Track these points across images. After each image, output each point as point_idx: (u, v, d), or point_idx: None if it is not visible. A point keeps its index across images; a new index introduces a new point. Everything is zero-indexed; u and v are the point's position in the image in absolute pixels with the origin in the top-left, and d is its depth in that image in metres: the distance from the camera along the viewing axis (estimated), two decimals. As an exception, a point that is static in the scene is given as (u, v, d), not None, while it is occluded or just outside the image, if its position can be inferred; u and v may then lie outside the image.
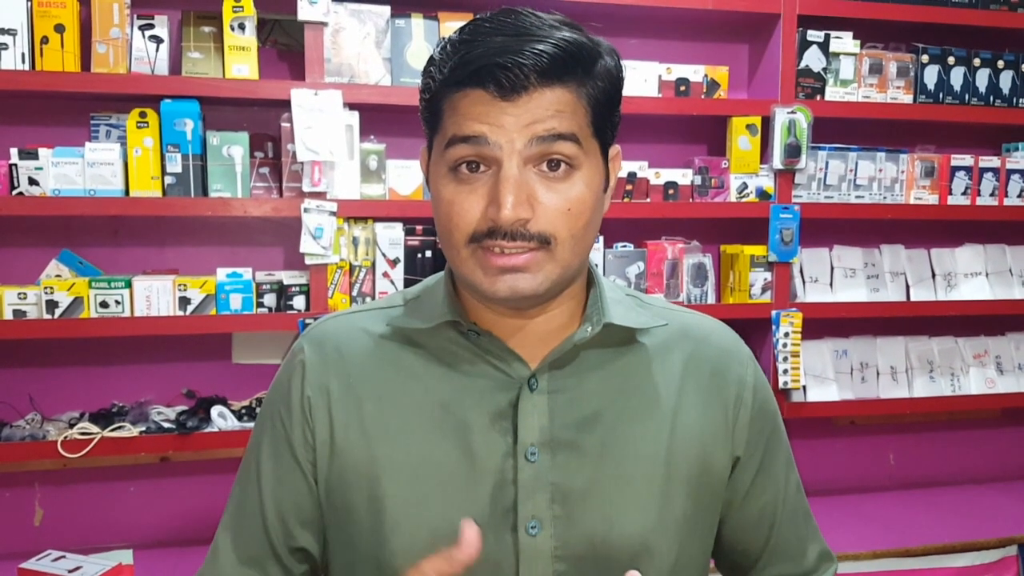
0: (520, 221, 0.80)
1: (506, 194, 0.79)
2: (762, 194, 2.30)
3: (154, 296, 1.97)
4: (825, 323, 2.43)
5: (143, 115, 1.94)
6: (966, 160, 2.45)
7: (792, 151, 2.26)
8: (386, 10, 2.08)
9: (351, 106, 2.05)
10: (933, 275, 2.53)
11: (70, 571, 1.82)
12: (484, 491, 0.88)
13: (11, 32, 1.88)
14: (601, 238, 2.24)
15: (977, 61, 2.43)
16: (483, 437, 0.89)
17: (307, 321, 1.98)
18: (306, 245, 2.00)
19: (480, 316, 0.91)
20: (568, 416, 0.90)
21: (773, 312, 2.29)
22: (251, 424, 2.02)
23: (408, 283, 2.07)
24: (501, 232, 0.80)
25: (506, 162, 0.80)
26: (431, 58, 0.85)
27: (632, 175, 2.23)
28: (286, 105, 1.98)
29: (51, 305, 1.91)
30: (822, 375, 2.41)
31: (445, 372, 0.91)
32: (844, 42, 2.33)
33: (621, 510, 0.89)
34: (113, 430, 1.98)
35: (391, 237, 2.09)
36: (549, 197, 0.81)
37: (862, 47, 2.35)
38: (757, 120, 2.28)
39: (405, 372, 0.92)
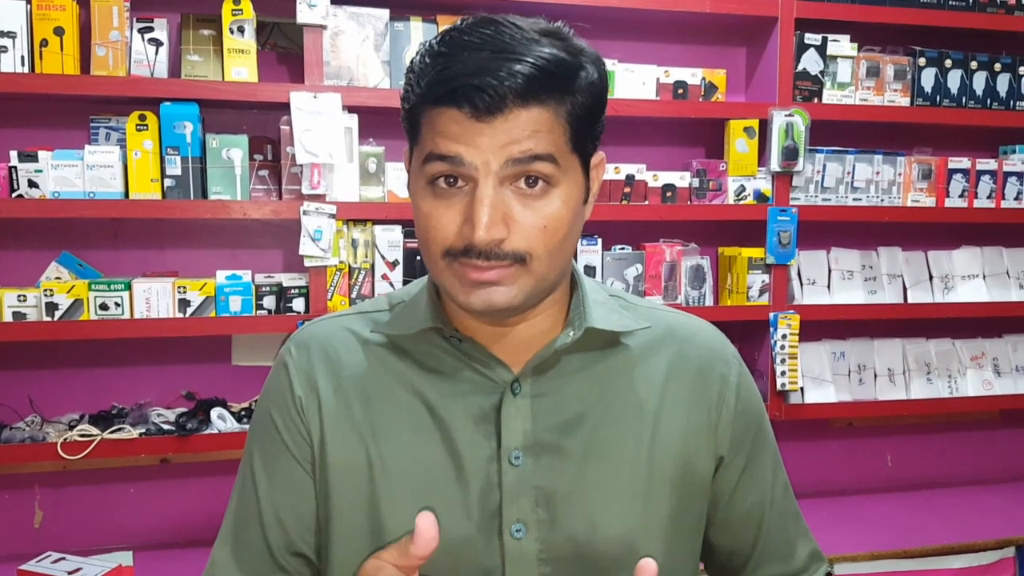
0: (495, 242, 0.80)
1: (481, 215, 0.78)
2: (760, 196, 2.31)
3: (154, 298, 1.97)
4: (823, 325, 2.43)
5: (142, 118, 1.94)
6: (963, 163, 2.45)
7: (790, 154, 2.27)
8: (385, 13, 2.09)
9: (350, 109, 2.05)
10: (930, 277, 2.54)
11: (70, 573, 1.83)
12: (470, 494, 0.89)
13: (10, 35, 1.88)
14: (599, 240, 2.24)
15: (974, 64, 2.43)
16: (467, 441, 0.89)
17: (306, 322, 1.99)
18: (305, 247, 2.01)
19: (463, 322, 0.91)
20: (551, 420, 0.90)
21: (771, 314, 2.30)
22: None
23: (407, 285, 2.08)
24: (476, 251, 0.80)
25: (481, 182, 0.79)
26: (410, 65, 0.84)
27: (630, 178, 2.24)
28: (285, 108, 1.98)
29: (51, 307, 1.92)
30: (820, 377, 2.42)
31: (429, 376, 0.92)
32: (841, 45, 2.34)
33: (605, 513, 0.90)
34: (113, 432, 1.99)
35: (390, 239, 2.10)
36: (525, 215, 0.81)
37: (859, 50, 2.36)
38: (755, 123, 2.29)
39: (390, 376, 0.93)
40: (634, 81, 2.24)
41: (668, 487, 0.92)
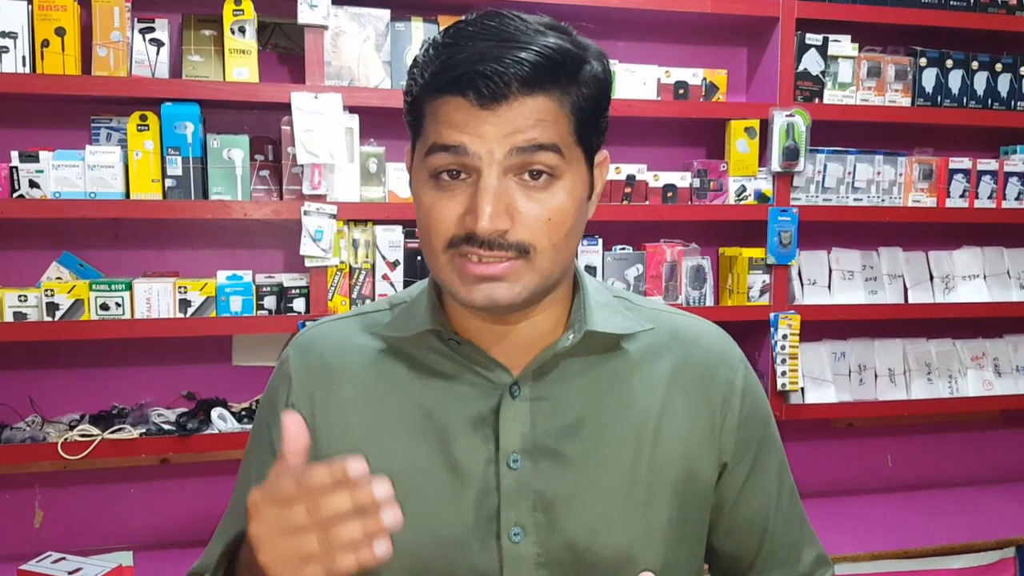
0: (498, 232, 0.79)
1: (484, 204, 0.78)
2: (760, 197, 2.31)
3: (154, 298, 1.97)
4: (823, 325, 2.43)
5: (144, 118, 1.94)
6: (964, 163, 2.45)
7: (790, 154, 2.27)
8: (386, 13, 2.09)
9: (351, 109, 2.05)
10: (931, 277, 2.54)
11: (70, 573, 1.83)
12: (468, 498, 0.88)
13: (12, 35, 1.88)
14: (600, 240, 2.24)
15: (975, 64, 2.43)
16: (465, 444, 0.89)
17: (307, 323, 1.99)
18: (306, 248, 2.01)
19: (463, 324, 0.91)
20: (551, 423, 0.89)
21: (771, 314, 2.30)
22: (251, 426, 2.02)
23: (408, 285, 2.08)
24: (478, 240, 0.79)
25: (485, 172, 0.79)
26: (415, 59, 0.84)
27: (631, 178, 2.24)
28: (286, 108, 1.98)
29: (51, 307, 1.92)
30: (820, 377, 2.42)
31: (428, 380, 0.91)
32: (842, 45, 2.33)
33: (604, 518, 0.89)
34: (113, 432, 1.99)
35: (391, 239, 2.10)
36: (529, 207, 0.80)
37: (860, 50, 2.36)
38: (755, 123, 2.29)
39: (388, 380, 0.92)
40: (635, 81, 2.24)
41: (669, 493, 0.92)
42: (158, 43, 1.98)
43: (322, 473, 0.67)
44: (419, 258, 2.11)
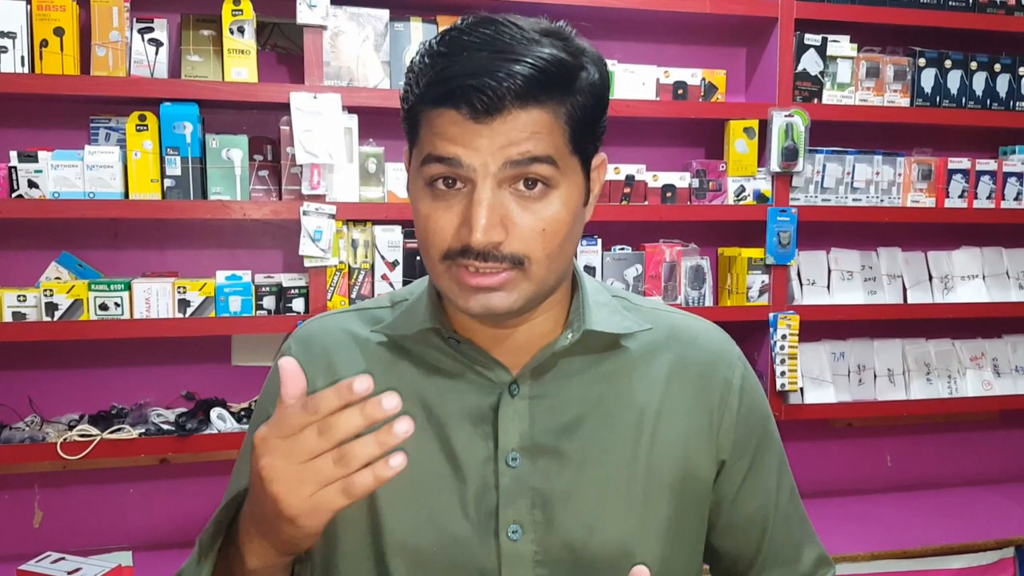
0: (492, 244, 0.79)
1: (478, 218, 0.78)
2: (759, 197, 2.31)
3: (153, 298, 1.97)
4: (822, 325, 2.44)
5: (142, 118, 1.94)
6: (963, 163, 2.45)
7: (789, 154, 2.27)
8: (385, 13, 2.09)
9: (350, 109, 2.05)
10: (930, 277, 2.54)
11: (69, 573, 1.83)
12: (467, 495, 0.89)
13: (11, 35, 1.88)
14: (599, 240, 2.24)
15: (974, 64, 2.43)
16: (465, 441, 0.89)
17: (309, 319, 1.99)
18: (305, 248, 2.01)
19: (463, 324, 0.91)
20: (549, 422, 0.90)
21: (771, 315, 2.30)
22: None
23: (406, 285, 2.08)
24: (474, 253, 0.79)
25: (480, 184, 0.79)
26: (410, 66, 0.84)
27: (630, 178, 2.24)
28: (285, 108, 1.98)
29: (51, 307, 1.92)
30: (819, 377, 2.42)
31: (428, 376, 0.92)
32: (841, 46, 2.34)
33: (601, 516, 0.89)
34: (112, 432, 1.99)
35: (390, 240, 2.10)
36: (524, 217, 0.80)
37: (859, 50, 2.36)
38: (754, 123, 2.29)
39: (389, 374, 0.93)
40: (634, 81, 2.24)
41: (667, 491, 0.92)
42: (157, 43, 1.98)
43: (329, 396, 0.67)
44: (418, 258, 2.11)
